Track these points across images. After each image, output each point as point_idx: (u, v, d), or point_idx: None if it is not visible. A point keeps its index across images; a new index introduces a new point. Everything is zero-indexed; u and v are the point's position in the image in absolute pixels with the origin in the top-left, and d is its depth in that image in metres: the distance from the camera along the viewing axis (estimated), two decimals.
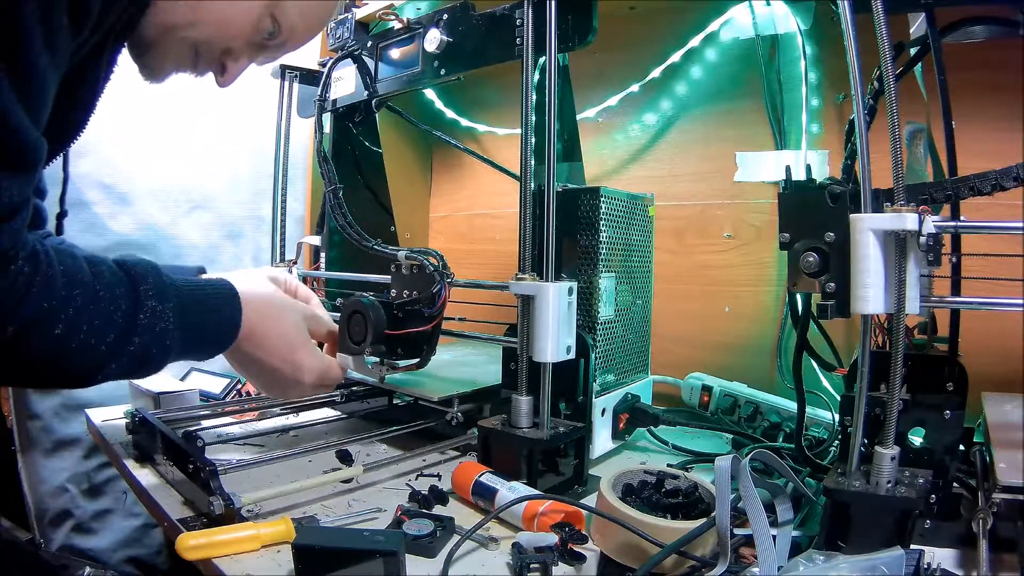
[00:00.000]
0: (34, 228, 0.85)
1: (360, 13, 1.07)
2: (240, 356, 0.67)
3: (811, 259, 0.62)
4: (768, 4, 1.04)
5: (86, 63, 0.55)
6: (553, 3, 0.73)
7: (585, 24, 0.78)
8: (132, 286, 0.55)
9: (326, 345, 0.81)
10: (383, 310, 0.79)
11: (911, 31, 0.72)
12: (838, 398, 0.67)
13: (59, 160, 0.77)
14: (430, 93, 1.47)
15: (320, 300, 0.87)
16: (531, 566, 0.54)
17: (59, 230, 0.84)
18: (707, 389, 1.01)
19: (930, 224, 0.54)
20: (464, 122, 1.45)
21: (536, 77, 0.78)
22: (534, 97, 0.76)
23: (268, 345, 0.67)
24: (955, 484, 0.61)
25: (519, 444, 0.71)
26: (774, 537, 0.54)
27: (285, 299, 0.71)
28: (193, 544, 0.57)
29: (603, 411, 0.82)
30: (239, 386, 1.06)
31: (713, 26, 1.10)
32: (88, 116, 0.62)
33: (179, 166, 1.37)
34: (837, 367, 0.76)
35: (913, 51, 0.69)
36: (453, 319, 0.91)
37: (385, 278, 0.89)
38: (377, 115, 1.17)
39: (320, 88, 1.04)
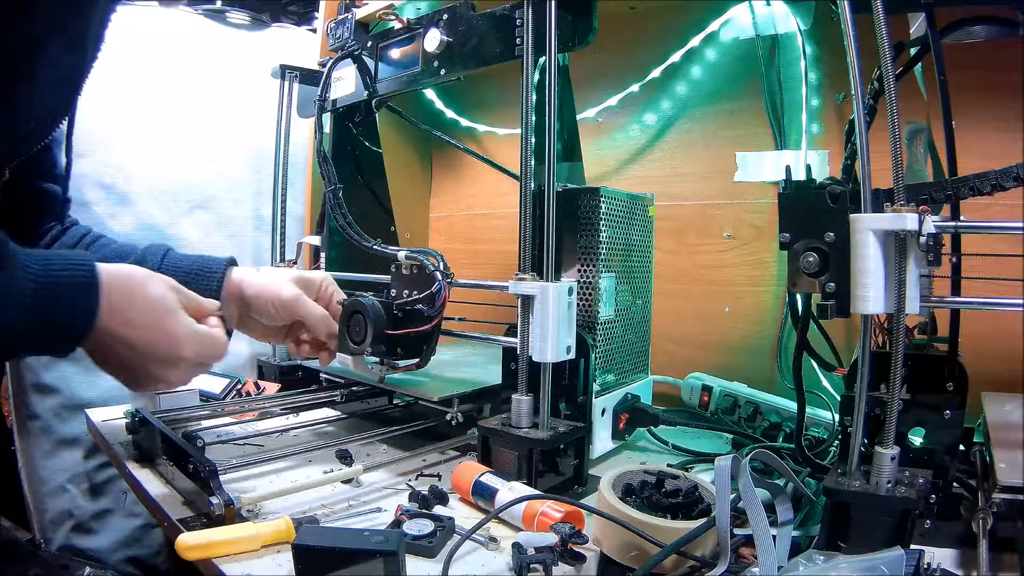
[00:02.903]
0: (42, 213, 0.85)
1: (360, 13, 1.07)
2: (105, 339, 0.58)
3: (811, 259, 0.62)
4: (768, 4, 1.04)
5: (17, 55, 0.53)
6: (553, 3, 0.73)
7: (585, 24, 0.78)
8: None
9: (214, 320, 0.70)
10: (383, 310, 0.79)
11: (911, 31, 0.72)
12: (838, 398, 0.66)
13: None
14: (430, 93, 1.47)
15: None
16: (531, 566, 0.54)
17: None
18: (707, 389, 1.01)
19: (930, 224, 0.54)
20: (464, 122, 1.46)
21: (536, 77, 0.78)
22: (534, 97, 0.76)
23: (137, 319, 0.59)
24: (955, 484, 0.61)
25: (519, 444, 0.71)
26: (774, 537, 0.54)
27: (146, 270, 0.63)
28: (193, 544, 0.57)
29: (603, 411, 0.82)
30: (239, 386, 1.06)
31: (713, 26, 1.10)
32: (33, 111, 0.59)
33: (179, 166, 1.37)
34: (837, 367, 0.76)
35: (913, 51, 0.69)
36: (453, 319, 0.91)
37: (385, 278, 0.89)
38: (377, 115, 1.17)
39: (320, 88, 1.04)
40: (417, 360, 0.83)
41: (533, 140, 0.75)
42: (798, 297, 0.73)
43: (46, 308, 0.54)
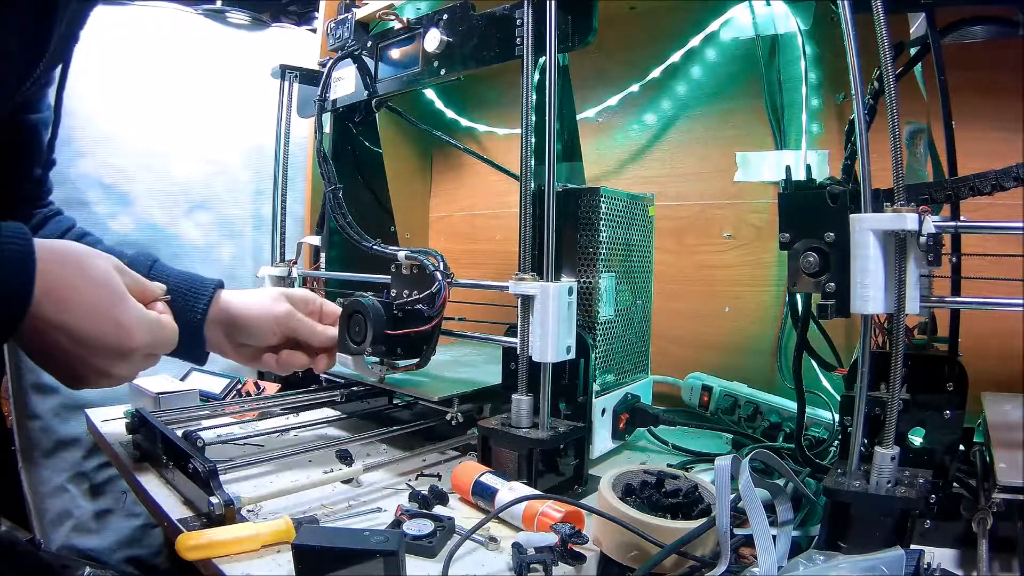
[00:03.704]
0: (30, 200, 0.84)
1: (360, 13, 1.07)
2: (43, 327, 0.51)
3: (811, 259, 0.62)
4: (768, 4, 1.04)
5: None
6: (553, 3, 0.73)
7: (585, 24, 0.78)
8: None
9: (161, 305, 0.64)
10: (383, 310, 0.79)
11: (911, 31, 0.72)
12: (838, 398, 0.66)
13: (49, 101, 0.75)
14: (430, 93, 1.47)
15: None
16: (531, 566, 0.54)
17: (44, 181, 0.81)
18: (707, 389, 1.01)
19: (930, 224, 0.54)
20: (464, 122, 1.45)
21: (536, 77, 0.78)
22: (534, 97, 0.76)
23: (79, 305, 0.52)
24: (955, 484, 0.61)
25: (519, 444, 0.71)
26: (774, 537, 0.54)
27: (87, 247, 0.56)
28: (193, 544, 0.57)
29: (603, 411, 0.82)
30: (239, 386, 1.06)
31: (713, 26, 1.10)
32: None
33: (179, 166, 1.37)
34: (837, 367, 0.76)
35: (913, 51, 0.69)
36: (453, 319, 0.91)
37: (385, 278, 0.89)
38: (377, 115, 1.17)
39: (320, 88, 1.04)
40: (417, 360, 0.83)
41: (533, 140, 0.75)
42: (798, 297, 0.73)
43: None
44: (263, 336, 0.79)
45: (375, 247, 0.90)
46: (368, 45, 1.03)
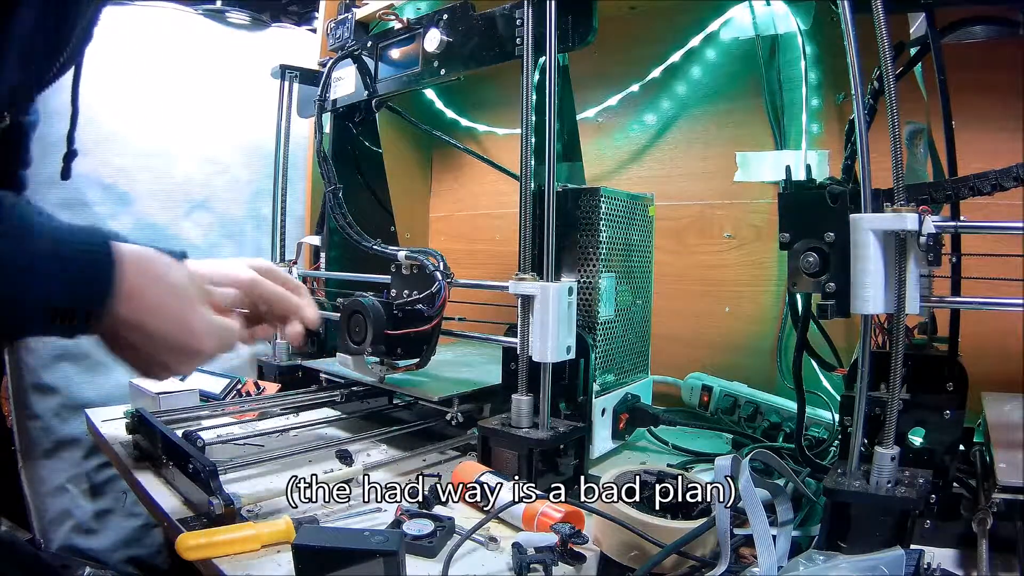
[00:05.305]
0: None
1: (360, 13, 1.07)
2: (120, 327, 0.55)
3: (811, 259, 0.62)
4: (768, 4, 1.04)
5: None
6: (553, 3, 0.73)
7: (585, 24, 0.78)
8: None
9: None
10: (383, 310, 0.79)
11: (911, 31, 0.72)
12: (838, 398, 0.66)
13: (65, 96, 0.75)
14: (430, 93, 1.47)
15: (319, 300, 0.87)
16: (531, 566, 0.54)
17: (66, 173, 0.79)
18: (707, 389, 1.01)
19: (930, 224, 0.54)
20: (464, 122, 1.46)
21: (536, 77, 0.78)
22: (534, 97, 0.76)
23: (154, 307, 0.56)
24: (955, 484, 0.61)
25: (519, 444, 0.71)
26: (774, 537, 0.54)
27: (166, 256, 0.60)
28: (193, 544, 0.57)
29: (603, 411, 0.82)
30: (239, 386, 1.06)
31: (713, 26, 1.10)
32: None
33: (179, 166, 1.37)
34: (837, 367, 0.76)
35: (913, 51, 0.69)
36: (453, 319, 0.91)
37: (385, 278, 0.89)
38: (377, 115, 1.17)
39: (320, 88, 1.04)
40: (417, 360, 0.83)
41: (533, 140, 0.75)
42: (798, 297, 0.73)
43: (49, 286, 0.49)
44: (229, 301, 0.78)
45: (375, 247, 0.90)
46: (368, 45, 1.03)
